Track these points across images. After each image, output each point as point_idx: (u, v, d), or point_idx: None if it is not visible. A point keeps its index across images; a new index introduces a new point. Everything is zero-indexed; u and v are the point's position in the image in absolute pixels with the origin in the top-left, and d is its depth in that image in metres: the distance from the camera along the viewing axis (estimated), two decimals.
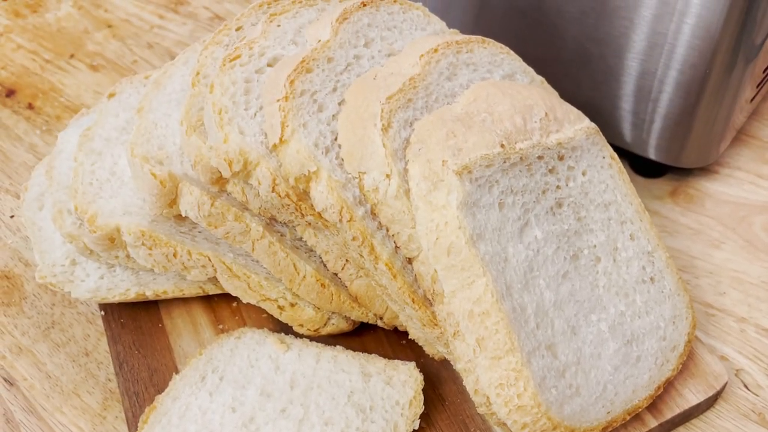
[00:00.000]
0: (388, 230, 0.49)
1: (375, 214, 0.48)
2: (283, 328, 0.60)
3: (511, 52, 0.59)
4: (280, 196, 0.49)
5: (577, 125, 0.55)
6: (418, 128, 0.49)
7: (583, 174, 0.54)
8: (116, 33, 1.02)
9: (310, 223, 0.51)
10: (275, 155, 0.49)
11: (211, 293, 0.60)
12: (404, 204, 0.47)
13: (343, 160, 0.49)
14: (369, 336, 0.60)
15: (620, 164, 0.57)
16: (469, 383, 0.48)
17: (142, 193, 0.55)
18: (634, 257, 0.54)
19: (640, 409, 0.50)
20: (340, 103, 0.51)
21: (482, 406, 0.48)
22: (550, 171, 0.52)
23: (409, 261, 0.49)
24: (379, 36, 0.56)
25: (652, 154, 0.72)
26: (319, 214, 0.49)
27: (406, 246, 0.48)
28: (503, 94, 0.52)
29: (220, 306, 0.63)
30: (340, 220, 0.48)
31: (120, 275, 0.60)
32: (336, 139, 0.50)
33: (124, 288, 0.59)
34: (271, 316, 0.61)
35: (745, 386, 0.59)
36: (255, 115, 0.51)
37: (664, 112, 0.68)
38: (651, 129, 0.70)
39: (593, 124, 0.56)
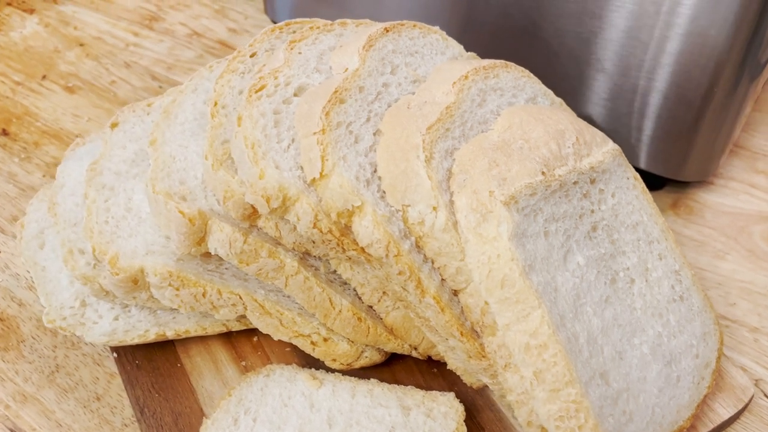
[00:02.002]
0: (433, 263, 0.48)
1: (419, 247, 0.48)
2: (309, 362, 0.59)
3: (531, 75, 0.59)
4: (321, 231, 0.47)
5: (604, 148, 0.55)
6: (459, 158, 0.49)
7: (612, 196, 0.54)
8: (89, 52, 0.98)
9: (350, 258, 0.49)
10: (314, 190, 0.48)
11: (234, 330, 0.58)
12: (453, 236, 0.46)
13: (384, 192, 0.48)
14: (399, 366, 0.59)
15: (643, 184, 0.58)
16: (521, 415, 0.48)
17: (165, 231, 0.52)
18: (664, 277, 0.55)
19: (684, 430, 0.51)
20: (375, 134, 0.50)
21: None
22: (584, 195, 0.52)
23: (455, 293, 0.48)
24: (403, 62, 0.55)
25: (654, 168, 0.73)
26: (362, 248, 0.48)
27: (453, 278, 0.47)
28: (535, 119, 0.52)
29: (240, 341, 0.60)
30: (387, 255, 0.47)
31: (136, 315, 0.57)
32: (375, 171, 0.49)
33: (143, 329, 0.56)
34: (296, 349, 0.59)
35: (766, 396, 0.60)
36: (288, 148, 0.49)
37: (668, 127, 0.69)
38: (654, 144, 0.71)
39: (617, 146, 0.56)
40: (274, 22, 0.96)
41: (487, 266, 0.45)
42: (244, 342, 0.60)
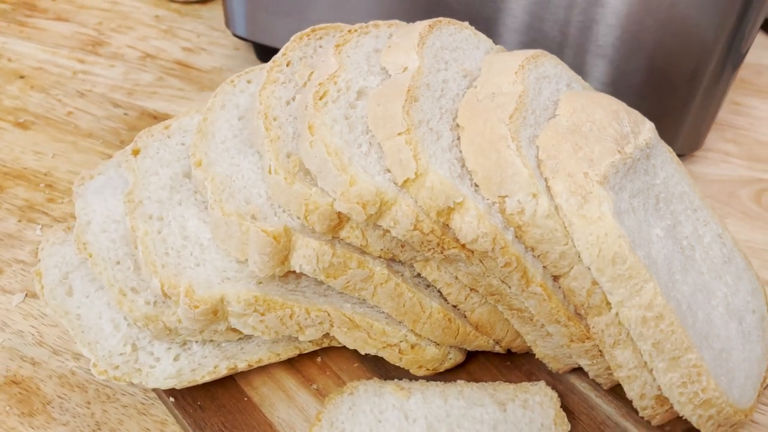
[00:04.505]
0: (533, 251, 0.48)
1: (518, 236, 0.47)
2: (381, 375, 0.57)
3: (562, 61, 0.60)
4: (423, 233, 0.46)
5: (646, 125, 0.57)
6: (543, 144, 0.49)
7: (662, 169, 0.57)
8: (33, 83, 0.90)
9: (447, 257, 0.48)
10: (406, 192, 0.46)
11: (305, 351, 0.55)
12: (556, 222, 0.46)
13: (477, 186, 0.47)
14: (474, 365, 0.58)
15: (677, 157, 0.61)
16: (633, 389, 0.49)
17: (238, 255, 0.49)
18: (713, 241, 0.58)
19: (767, 380, 0.54)
20: (451, 129, 0.50)
21: (648, 409, 0.49)
22: (645, 171, 0.54)
23: (555, 279, 0.49)
24: (451, 57, 0.55)
25: None
26: (463, 245, 0.47)
27: (555, 264, 0.47)
28: (592, 102, 0.54)
29: (304, 364, 0.57)
30: (493, 249, 0.46)
31: (200, 352, 0.53)
32: (463, 166, 0.48)
33: (212, 365, 0.52)
34: (364, 364, 0.57)
35: None
36: (368, 151, 0.47)
37: (662, 106, 0.73)
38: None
39: (651, 123, 0.59)
40: (235, 35, 0.92)
41: (596, 246, 0.45)
42: (308, 365, 0.57)
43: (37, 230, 0.71)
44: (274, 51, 0.94)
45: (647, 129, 0.57)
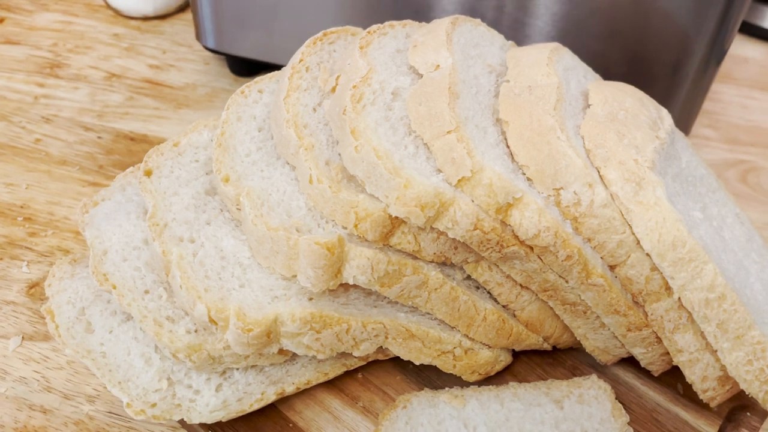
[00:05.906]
0: (590, 242, 0.47)
1: (574, 228, 0.46)
2: (427, 384, 0.55)
3: (574, 54, 0.60)
4: (484, 232, 0.44)
5: (663, 111, 0.58)
6: (587, 134, 0.48)
7: (683, 154, 0.57)
8: None
9: (504, 256, 0.47)
10: (461, 191, 0.45)
11: (352, 368, 0.52)
12: (613, 210, 0.46)
13: (530, 180, 0.46)
14: (517, 365, 0.57)
15: (689, 140, 0.61)
16: (695, 372, 0.48)
17: (284, 271, 0.46)
18: (734, 222, 0.59)
19: None
20: (493, 125, 0.48)
21: (709, 391, 0.49)
22: (674, 156, 0.54)
23: (611, 268, 0.48)
24: (475, 53, 0.54)
25: None
26: (522, 241, 0.46)
27: (612, 253, 0.47)
28: (619, 91, 0.54)
29: (345, 383, 0.54)
30: (554, 243, 0.45)
31: (242, 380, 0.49)
32: (513, 161, 0.47)
33: (259, 392, 0.49)
34: (407, 375, 0.55)
35: None
36: (416, 153, 0.46)
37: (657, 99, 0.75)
38: None
39: (666, 109, 0.60)
40: (206, 47, 0.88)
41: (656, 231, 0.45)
42: (349, 382, 0.55)
43: (23, 267, 0.66)
44: (247, 63, 0.92)
45: (665, 114, 0.57)
